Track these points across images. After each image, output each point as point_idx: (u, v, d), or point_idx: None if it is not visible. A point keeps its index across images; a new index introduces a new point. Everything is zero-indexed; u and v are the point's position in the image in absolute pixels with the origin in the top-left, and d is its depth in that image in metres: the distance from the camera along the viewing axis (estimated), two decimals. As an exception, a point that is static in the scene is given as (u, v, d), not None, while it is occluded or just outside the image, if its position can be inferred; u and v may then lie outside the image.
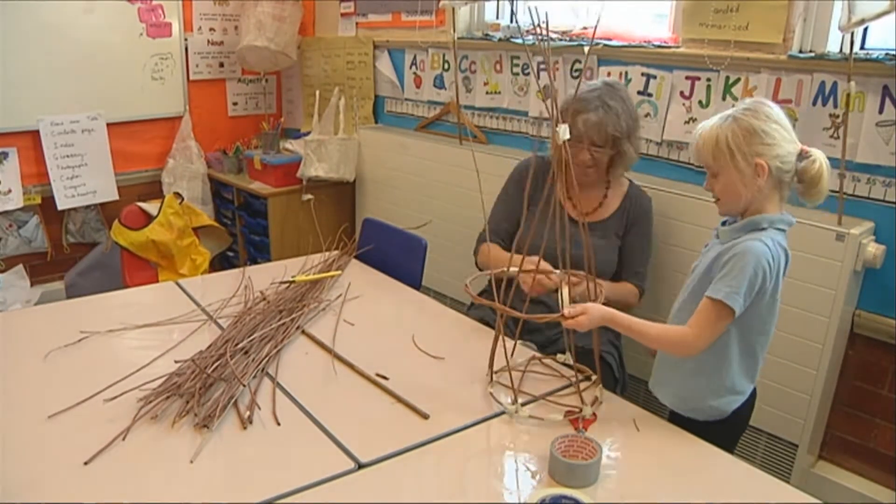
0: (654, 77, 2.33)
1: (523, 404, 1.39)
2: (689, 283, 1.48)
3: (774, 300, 1.39)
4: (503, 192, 2.09)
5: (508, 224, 2.04)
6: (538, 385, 1.50)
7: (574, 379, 1.47)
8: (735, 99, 2.14)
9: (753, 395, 1.51)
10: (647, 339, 1.38)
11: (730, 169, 1.36)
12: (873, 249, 1.86)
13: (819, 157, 1.36)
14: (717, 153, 1.36)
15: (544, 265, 1.59)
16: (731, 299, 1.30)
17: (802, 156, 1.36)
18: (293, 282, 1.93)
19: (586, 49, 2.45)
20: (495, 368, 1.49)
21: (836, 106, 1.93)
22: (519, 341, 1.64)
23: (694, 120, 2.26)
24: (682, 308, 1.45)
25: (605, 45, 2.43)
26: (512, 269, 1.54)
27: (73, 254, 3.57)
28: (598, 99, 1.86)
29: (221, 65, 3.86)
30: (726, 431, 1.48)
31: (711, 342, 1.36)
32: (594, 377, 1.49)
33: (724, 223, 1.47)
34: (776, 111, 1.36)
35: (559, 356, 1.59)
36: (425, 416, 1.35)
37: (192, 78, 3.75)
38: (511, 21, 2.97)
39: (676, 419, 1.49)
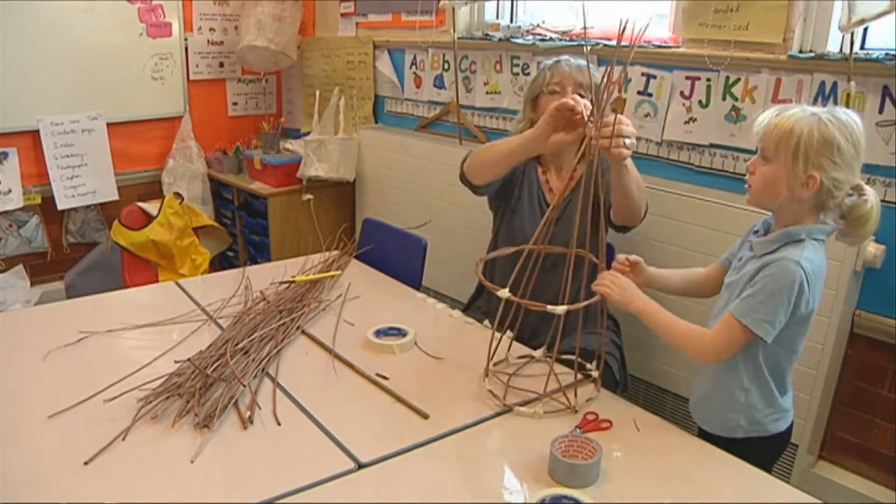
0: (654, 77, 2.33)
1: (522, 404, 1.39)
2: (726, 299, 1.40)
3: (810, 317, 1.32)
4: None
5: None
6: (536, 384, 1.49)
7: (574, 376, 1.47)
8: (735, 99, 2.14)
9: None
10: (670, 335, 1.34)
11: (784, 165, 1.25)
12: (873, 249, 1.86)
13: (872, 197, 1.27)
14: (783, 143, 1.25)
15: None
16: (760, 328, 1.25)
17: (856, 191, 1.28)
18: (293, 282, 1.93)
19: (586, 49, 2.45)
20: (494, 362, 1.50)
21: (836, 106, 1.93)
22: (506, 334, 1.60)
23: (694, 120, 2.26)
24: None
25: (605, 45, 2.43)
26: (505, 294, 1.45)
27: (73, 254, 3.57)
28: (570, 57, 1.87)
29: (221, 65, 3.86)
30: (766, 450, 1.43)
31: (727, 358, 1.32)
32: (594, 374, 1.48)
33: (755, 232, 1.39)
34: (860, 132, 1.25)
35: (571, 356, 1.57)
36: (425, 416, 1.35)
37: (192, 78, 3.75)
38: (511, 21, 2.97)
39: (707, 437, 1.44)
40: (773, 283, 1.25)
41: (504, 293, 1.37)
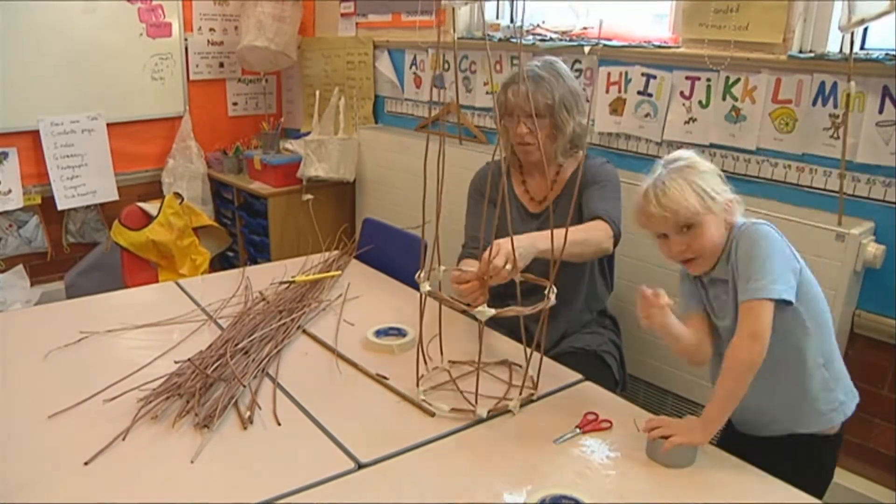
0: (654, 77, 2.33)
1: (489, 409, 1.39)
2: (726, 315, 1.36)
3: (803, 271, 1.31)
4: (468, 205, 2.02)
5: (478, 232, 1.88)
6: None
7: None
8: (735, 99, 2.14)
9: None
10: (739, 393, 1.23)
11: (708, 217, 1.30)
12: (873, 249, 1.86)
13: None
14: (685, 208, 1.28)
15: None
16: (774, 291, 1.21)
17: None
18: (293, 282, 1.93)
19: (586, 49, 2.45)
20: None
21: (836, 106, 1.93)
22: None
23: (694, 120, 2.26)
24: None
25: (605, 45, 2.43)
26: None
27: (73, 254, 3.57)
28: (529, 72, 1.85)
29: (221, 65, 3.86)
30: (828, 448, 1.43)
31: (767, 339, 1.22)
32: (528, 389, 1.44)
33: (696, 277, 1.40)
34: (694, 155, 1.35)
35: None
36: (432, 414, 1.35)
37: (192, 78, 3.75)
38: (511, 21, 2.97)
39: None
40: (755, 250, 1.27)
41: (485, 312, 1.36)
